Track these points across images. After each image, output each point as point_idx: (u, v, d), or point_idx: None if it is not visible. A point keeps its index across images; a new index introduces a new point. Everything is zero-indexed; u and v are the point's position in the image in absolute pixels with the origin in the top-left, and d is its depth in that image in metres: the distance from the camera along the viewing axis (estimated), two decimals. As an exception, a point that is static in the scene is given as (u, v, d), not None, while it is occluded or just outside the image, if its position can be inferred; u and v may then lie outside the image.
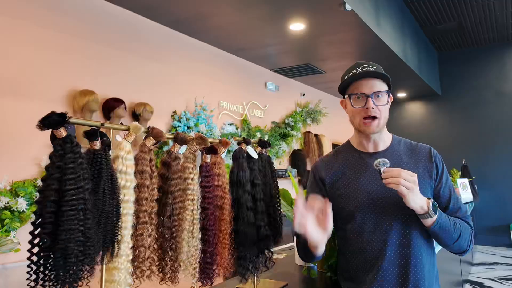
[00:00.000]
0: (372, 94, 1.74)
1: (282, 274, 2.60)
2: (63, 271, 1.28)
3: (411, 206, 1.61)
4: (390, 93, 1.82)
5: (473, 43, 9.95)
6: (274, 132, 7.31)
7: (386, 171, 1.61)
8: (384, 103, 1.78)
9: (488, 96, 10.00)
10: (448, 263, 4.96)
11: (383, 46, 6.08)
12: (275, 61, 6.87)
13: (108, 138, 1.58)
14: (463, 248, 1.77)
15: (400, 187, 1.55)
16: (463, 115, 10.30)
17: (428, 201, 1.63)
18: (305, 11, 4.76)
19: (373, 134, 1.81)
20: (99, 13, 4.28)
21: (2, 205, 3.15)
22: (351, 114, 1.84)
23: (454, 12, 7.94)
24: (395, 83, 8.49)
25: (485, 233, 9.66)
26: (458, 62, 10.44)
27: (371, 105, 1.74)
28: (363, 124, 1.78)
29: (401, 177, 1.56)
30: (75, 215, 1.30)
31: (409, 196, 1.58)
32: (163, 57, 5.11)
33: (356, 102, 1.79)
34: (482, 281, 6.74)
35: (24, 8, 3.62)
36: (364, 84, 1.77)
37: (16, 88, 3.52)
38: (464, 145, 10.18)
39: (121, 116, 4.26)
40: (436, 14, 8.00)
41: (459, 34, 9.24)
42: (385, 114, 1.80)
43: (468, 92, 10.26)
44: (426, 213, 1.62)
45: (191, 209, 1.81)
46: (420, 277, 1.69)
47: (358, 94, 1.77)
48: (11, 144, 3.44)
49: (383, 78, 1.79)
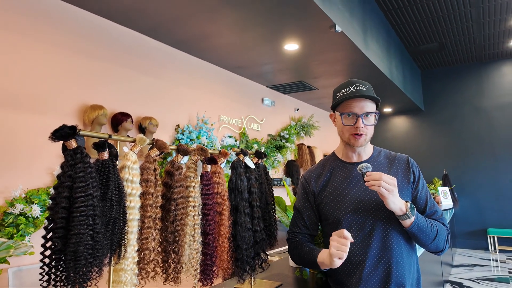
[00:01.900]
0: (362, 115, 1.77)
1: (277, 275, 2.59)
2: (73, 272, 1.28)
3: (391, 208, 1.63)
4: (378, 114, 1.85)
5: (453, 62, 9.98)
6: (270, 144, 7.32)
7: (369, 174, 1.65)
8: (371, 123, 1.81)
9: (467, 111, 10.02)
10: (430, 265, 4.95)
11: (370, 64, 6.08)
12: (271, 78, 6.86)
13: (115, 149, 1.59)
14: (440, 248, 1.78)
15: (381, 189, 1.59)
16: (444, 129, 10.32)
17: (406, 203, 1.67)
18: (298, 33, 4.77)
19: (359, 147, 1.85)
20: (108, 34, 4.30)
21: (18, 211, 3.14)
22: (340, 129, 1.87)
23: (436, 34, 7.97)
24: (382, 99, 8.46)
25: (464, 237, 9.69)
26: (439, 79, 10.47)
27: (361, 125, 1.77)
28: (352, 139, 1.81)
29: (382, 180, 1.60)
30: (84, 221, 1.30)
31: (389, 198, 1.61)
32: (167, 75, 5.11)
33: (347, 120, 1.81)
34: (461, 281, 6.74)
35: (39, 30, 3.63)
36: (356, 104, 1.79)
37: (32, 103, 3.52)
38: (445, 156, 10.20)
39: (128, 129, 4.25)
40: (419, 35, 8.03)
41: (440, 54, 9.26)
42: (371, 132, 1.84)
43: (448, 107, 10.29)
44: (404, 214, 1.65)
45: (193, 215, 1.81)
46: (401, 276, 1.70)
47: (349, 113, 1.79)
48: (26, 154, 3.44)
49: (373, 100, 1.81)
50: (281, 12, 4.17)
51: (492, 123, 9.67)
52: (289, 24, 4.50)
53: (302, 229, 1.98)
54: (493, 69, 9.79)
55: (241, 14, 4.19)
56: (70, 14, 3.91)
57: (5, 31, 3.38)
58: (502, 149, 9.48)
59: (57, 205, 1.30)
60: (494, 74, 9.78)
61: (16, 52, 3.45)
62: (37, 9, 3.62)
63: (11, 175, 3.30)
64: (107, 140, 1.54)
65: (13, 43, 3.44)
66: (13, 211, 3.13)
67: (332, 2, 4.44)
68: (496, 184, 9.48)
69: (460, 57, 9.53)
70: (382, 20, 6.98)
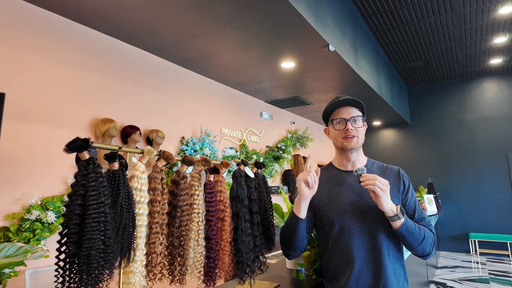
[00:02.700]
0: (350, 119, 1.83)
1: (275, 276, 2.58)
2: (86, 274, 1.27)
3: (383, 208, 1.65)
4: (364, 118, 1.90)
5: (437, 79, 10.02)
6: (268, 154, 7.31)
7: (364, 175, 1.68)
8: (360, 126, 1.86)
9: (450, 124, 10.06)
10: (416, 267, 4.96)
11: (361, 81, 6.09)
12: (269, 94, 6.87)
13: (125, 160, 1.58)
14: (427, 251, 1.78)
15: (376, 188, 1.62)
16: (429, 141, 10.34)
17: (396, 206, 1.68)
18: (294, 52, 4.78)
19: (352, 149, 1.87)
20: (119, 53, 4.32)
21: (34, 217, 3.14)
22: (334, 136, 1.91)
23: (421, 53, 8.01)
24: (371, 113, 8.51)
25: (448, 241, 9.71)
26: (424, 95, 10.51)
27: (350, 127, 1.83)
28: (345, 141, 1.85)
29: (377, 180, 1.63)
30: (97, 227, 1.30)
31: (383, 197, 1.63)
32: (173, 91, 5.12)
33: (337, 125, 1.87)
34: (445, 281, 6.73)
35: (56, 50, 3.65)
36: (343, 111, 1.86)
37: (48, 117, 3.53)
38: (430, 166, 10.22)
39: (136, 141, 4.24)
40: (406, 54, 8.06)
41: (425, 71, 9.29)
42: (361, 136, 1.88)
43: (433, 121, 10.32)
44: (395, 215, 1.66)
45: (197, 221, 1.80)
46: (389, 276, 1.70)
47: (338, 119, 1.86)
48: (42, 164, 3.44)
49: (358, 106, 1.88)
50: (278, 33, 4.20)
51: (473, 135, 9.70)
52: (286, 44, 4.52)
53: None
54: (475, 85, 9.84)
55: (242, 35, 4.21)
56: (84, 35, 3.93)
57: (25, 52, 3.40)
58: (482, 159, 9.50)
59: (71, 212, 1.30)
60: (476, 90, 9.82)
61: (34, 71, 3.48)
62: (53, 31, 3.65)
63: (28, 184, 3.30)
64: (118, 152, 1.54)
65: (33, 62, 3.46)
66: (29, 217, 3.13)
67: (325, 23, 4.47)
68: (477, 192, 9.49)
69: (444, 74, 9.58)
70: (372, 40, 7.02)
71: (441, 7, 5.97)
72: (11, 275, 2.86)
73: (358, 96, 7.03)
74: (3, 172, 3.13)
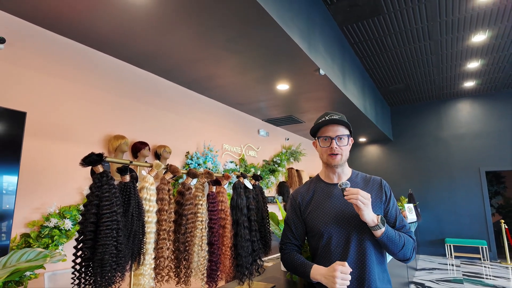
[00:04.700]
0: (335, 137, 1.80)
1: (271, 278, 2.56)
2: (100, 276, 1.27)
3: (365, 219, 1.64)
4: (350, 136, 1.87)
5: (417, 100, 10.07)
6: (265, 168, 7.31)
7: (348, 189, 1.67)
8: (344, 144, 1.83)
9: (428, 140, 10.10)
10: (398, 269, 4.97)
11: (348, 102, 6.11)
12: (265, 113, 6.87)
13: (135, 173, 1.59)
14: (407, 256, 1.77)
15: (358, 202, 1.61)
16: (409, 155, 10.36)
17: (377, 216, 1.68)
18: (289, 75, 4.80)
19: (336, 166, 1.85)
20: (130, 76, 4.34)
21: (52, 225, 3.13)
22: (320, 152, 1.90)
23: (403, 76, 8.06)
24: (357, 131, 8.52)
25: (426, 245, 9.72)
26: (405, 114, 10.56)
27: (335, 146, 1.80)
28: (330, 158, 1.83)
29: (359, 194, 1.62)
30: (110, 233, 1.30)
31: (364, 210, 1.62)
32: (179, 110, 5.13)
33: (323, 143, 1.85)
34: (423, 282, 6.72)
35: (72, 74, 3.68)
36: (330, 129, 1.83)
37: (65, 134, 3.54)
38: (410, 178, 10.24)
39: (146, 156, 4.23)
40: (389, 77, 8.11)
41: (406, 93, 9.33)
42: (346, 153, 1.85)
43: (413, 138, 10.36)
44: (376, 225, 1.65)
45: (200, 228, 1.80)
46: (372, 279, 1.69)
47: (325, 137, 1.83)
48: (60, 177, 3.43)
49: (345, 125, 1.85)
50: (274, 58, 4.22)
51: (449, 151, 9.75)
52: (281, 68, 4.54)
53: (292, 240, 1.95)
54: (450, 105, 9.91)
55: (241, 59, 4.23)
56: (98, 59, 3.97)
57: (46, 75, 3.43)
58: (457, 172, 9.56)
59: (86, 220, 1.30)
60: (451, 110, 9.88)
61: (53, 92, 3.50)
62: (71, 55, 3.68)
63: (46, 194, 3.30)
64: (129, 165, 1.54)
65: (52, 84, 3.49)
66: (48, 224, 3.12)
67: (317, 50, 4.51)
68: (452, 201, 9.53)
69: (423, 95, 9.64)
70: (358, 65, 7.07)
71: (420, 36, 6.05)
72: (32, 277, 2.84)
73: (346, 115, 7.01)
74: (24, 184, 3.12)
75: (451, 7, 5.19)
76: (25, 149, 3.11)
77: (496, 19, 5.55)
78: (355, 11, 5.24)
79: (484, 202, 9.12)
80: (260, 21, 3.35)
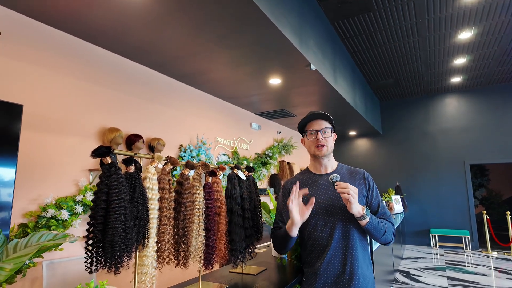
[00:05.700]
0: (320, 130, 1.99)
1: (262, 262, 2.68)
2: (110, 257, 1.37)
3: (352, 211, 1.78)
4: (333, 129, 2.04)
5: (406, 95, 10.16)
6: (257, 160, 7.36)
7: (338, 183, 1.80)
8: (329, 136, 2.01)
9: (416, 134, 10.25)
10: (384, 258, 5.08)
11: (338, 96, 6.17)
12: (258, 106, 6.93)
13: (139, 164, 1.67)
14: (388, 240, 1.93)
15: (350, 196, 1.74)
16: (398, 149, 10.51)
17: (363, 208, 1.82)
18: (281, 70, 4.86)
19: (323, 157, 2.01)
20: (124, 69, 4.34)
21: (49, 215, 3.17)
22: (308, 145, 2.06)
23: (392, 72, 8.13)
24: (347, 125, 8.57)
25: (412, 236, 9.94)
26: (394, 109, 10.67)
27: (320, 137, 1.98)
28: (317, 150, 2.00)
29: (349, 188, 1.76)
30: (118, 218, 1.39)
31: (353, 203, 1.76)
32: (172, 103, 5.13)
33: (310, 136, 2.03)
34: (408, 270, 6.98)
35: (67, 67, 3.70)
36: (315, 124, 2.02)
37: (61, 126, 3.56)
38: (397, 171, 10.41)
39: (140, 148, 4.23)
40: (379, 73, 8.17)
41: (395, 88, 9.41)
42: (330, 144, 2.03)
43: (401, 131, 10.50)
44: (361, 216, 1.80)
45: (198, 215, 1.87)
46: (355, 262, 1.84)
47: (311, 130, 2.02)
48: (56, 169, 3.47)
49: (327, 119, 2.03)
50: (267, 54, 4.26)
51: (435, 145, 9.92)
52: (273, 63, 4.57)
53: (281, 225, 2.06)
54: (438, 100, 10.04)
55: (234, 54, 4.25)
56: (93, 52, 3.98)
57: (41, 68, 3.45)
58: (443, 165, 9.75)
59: (97, 206, 1.39)
60: (438, 105, 10.03)
61: (48, 85, 3.52)
62: (66, 49, 3.70)
63: (43, 186, 3.34)
64: (133, 157, 1.62)
65: (47, 77, 3.51)
66: (45, 215, 3.16)
67: (308, 45, 4.55)
68: (437, 194, 9.75)
69: (411, 90, 9.73)
70: (349, 60, 7.08)
71: (409, 32, 6.16)
72: (30, 266, 2.87)
73: (336, 110, 7.12)
74: (22, 176, 3.15)
75: (439, 5, 5.32)
76: (21, 141, 3.13)
77: (482, 17, 5.69)
78: (346, 7, 5.33)
79: (468, 194, 9.34)
80: (252, 17, 3.39)
